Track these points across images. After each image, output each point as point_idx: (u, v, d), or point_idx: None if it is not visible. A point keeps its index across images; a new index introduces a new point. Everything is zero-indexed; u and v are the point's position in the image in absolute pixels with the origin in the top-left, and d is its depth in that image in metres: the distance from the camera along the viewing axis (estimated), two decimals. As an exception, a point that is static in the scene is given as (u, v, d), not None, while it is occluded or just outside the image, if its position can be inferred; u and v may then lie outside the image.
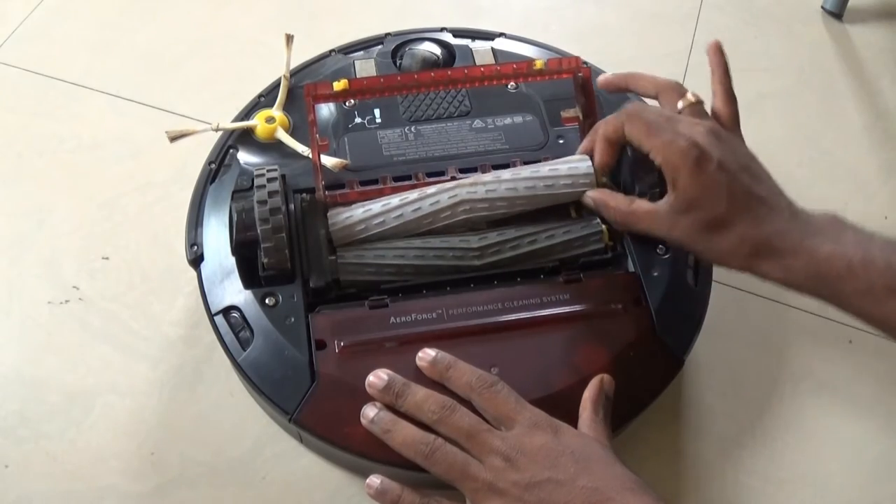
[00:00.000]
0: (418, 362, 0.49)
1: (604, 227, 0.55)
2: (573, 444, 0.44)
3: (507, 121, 0.60)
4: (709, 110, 0.52)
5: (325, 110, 0.60)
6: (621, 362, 0.50)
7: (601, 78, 0.55)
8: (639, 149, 0.50)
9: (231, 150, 0.58)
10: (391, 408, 0.47)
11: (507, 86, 0.62)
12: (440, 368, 0.48)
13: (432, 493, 0.46)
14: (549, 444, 0.44)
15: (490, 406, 0.46)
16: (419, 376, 0.49)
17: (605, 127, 0.52)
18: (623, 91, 0.55)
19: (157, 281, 0.61)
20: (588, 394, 0.48)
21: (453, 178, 0.56)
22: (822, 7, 0.82)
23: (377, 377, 0.48)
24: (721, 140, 0.48)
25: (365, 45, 0.66)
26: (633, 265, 0.54)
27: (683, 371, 0.55)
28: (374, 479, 0.47)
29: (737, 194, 0.47)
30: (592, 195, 0.53)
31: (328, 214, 0.54)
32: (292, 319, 0.50)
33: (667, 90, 0.52)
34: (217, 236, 0.54)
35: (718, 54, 0.52)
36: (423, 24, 0.68)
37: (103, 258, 0.62)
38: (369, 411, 0.47)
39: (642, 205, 0.50)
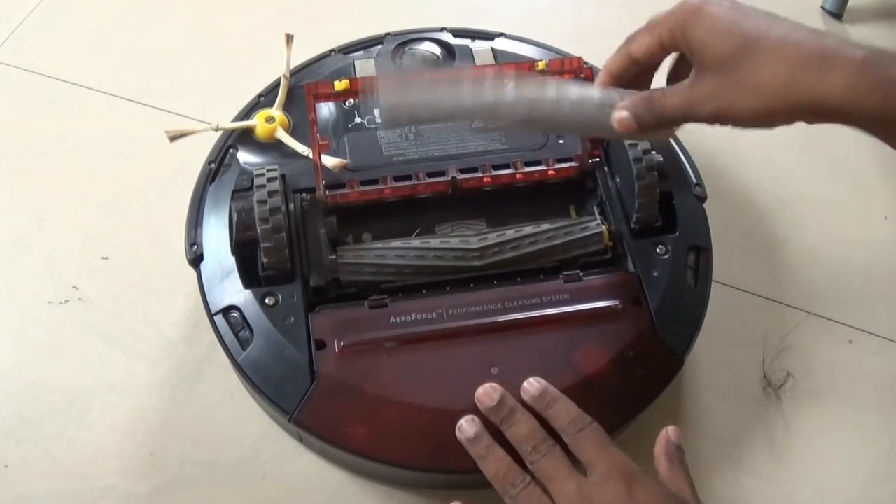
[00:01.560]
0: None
1: (604, 227, 0.55)
2: (644, 501, 0.43)
3: (507, 121, 0.60)
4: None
5: (325, 110, 0.60)
6: (621, 362, 0.50)
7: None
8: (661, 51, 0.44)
9: (231, 150, 0.58)
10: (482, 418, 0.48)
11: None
12: (541, 405, 0.47)
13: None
14: (620, 498, 0.43)
15: (574, 450, 0.46)
16: (428, 377, 0.49)
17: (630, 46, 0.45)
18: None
19: (157, 281, 0.61)
20: (658, 449, 0.47)
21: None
22: (822, 7, 0.82)
23: (487, 393, 0.48)
24: None
25: (365, 45, 0.66)
26: (632, 265, 0.54)
27: (683, 371, 0.55)
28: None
29: (761, 16, 0.41)
30: (624, 104, 0.45)
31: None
32: (292, 319, 0.50)
33: None
34: (217, 236, 0.54)
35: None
36: (423, 24, 0.68)
37: (103, 258, 0.62)
38: (468, 428, 0.47)
39: (667, 89, 0.45)
